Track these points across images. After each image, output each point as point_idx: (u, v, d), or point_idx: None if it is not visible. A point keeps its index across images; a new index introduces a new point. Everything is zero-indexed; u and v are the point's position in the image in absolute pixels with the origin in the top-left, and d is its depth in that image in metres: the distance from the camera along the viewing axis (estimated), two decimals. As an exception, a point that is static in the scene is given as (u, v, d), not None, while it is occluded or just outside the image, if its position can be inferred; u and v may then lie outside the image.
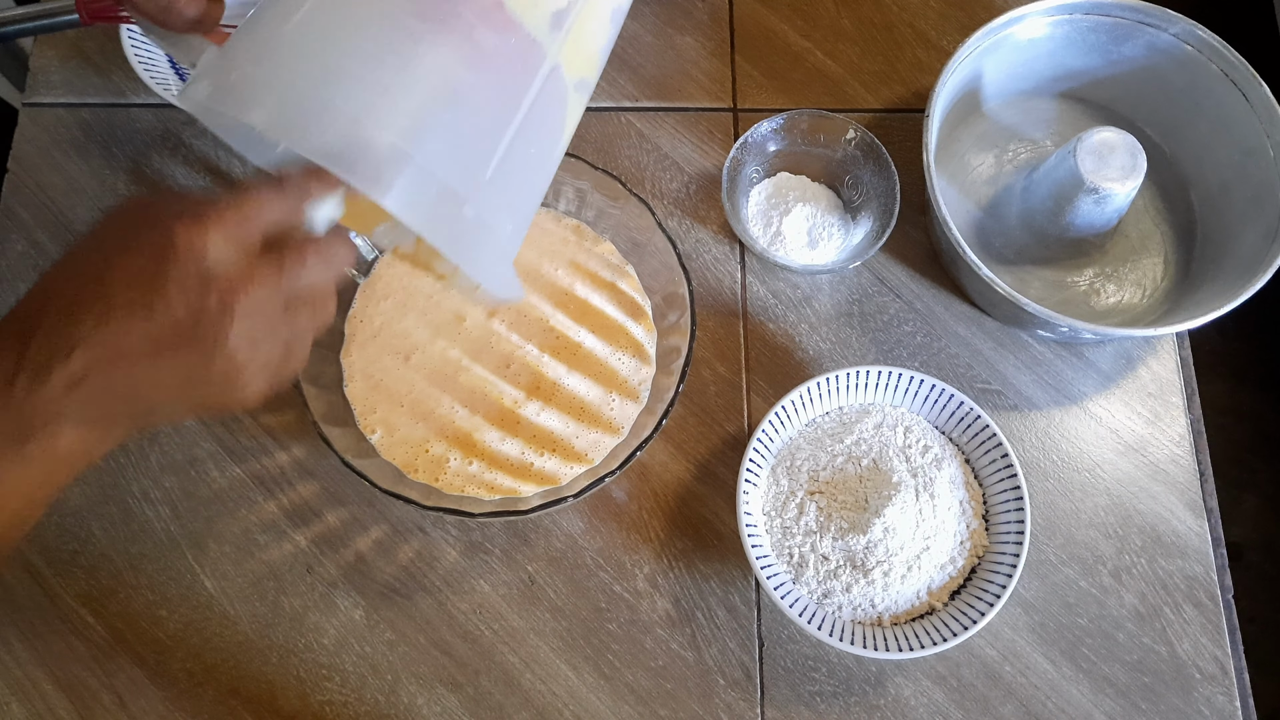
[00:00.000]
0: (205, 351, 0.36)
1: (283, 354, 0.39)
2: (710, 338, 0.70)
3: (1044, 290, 0.70)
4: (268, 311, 0.37)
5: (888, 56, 0.78)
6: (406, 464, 0.62)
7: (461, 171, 0.42)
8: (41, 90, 0.75)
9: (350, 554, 0.64)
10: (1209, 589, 0.65)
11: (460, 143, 0.42)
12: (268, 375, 0.39)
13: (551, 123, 0.47)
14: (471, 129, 0.42)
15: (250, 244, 0.37)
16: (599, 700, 0.61)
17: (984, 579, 0.60)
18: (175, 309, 0.35)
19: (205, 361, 0.36)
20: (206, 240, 0.35)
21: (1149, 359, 0.70)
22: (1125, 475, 0.67)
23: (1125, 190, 0.65)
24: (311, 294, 0.40)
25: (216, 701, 0.61)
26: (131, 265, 0.35)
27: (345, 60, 0.40)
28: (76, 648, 0.62)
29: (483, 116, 0.43)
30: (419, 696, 0.61)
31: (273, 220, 0.39)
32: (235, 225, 0.37)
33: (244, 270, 0.37)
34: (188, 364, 0.36)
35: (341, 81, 0.40)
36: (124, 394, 0.36)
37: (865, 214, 0.71)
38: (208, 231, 0.36)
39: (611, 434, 0.64)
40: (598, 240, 0.68)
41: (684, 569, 0.64)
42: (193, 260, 0.35)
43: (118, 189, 0.72)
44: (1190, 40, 0.68)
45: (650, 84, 0.76)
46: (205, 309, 0.35)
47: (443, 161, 0.41)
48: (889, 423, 0.63)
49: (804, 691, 0.62)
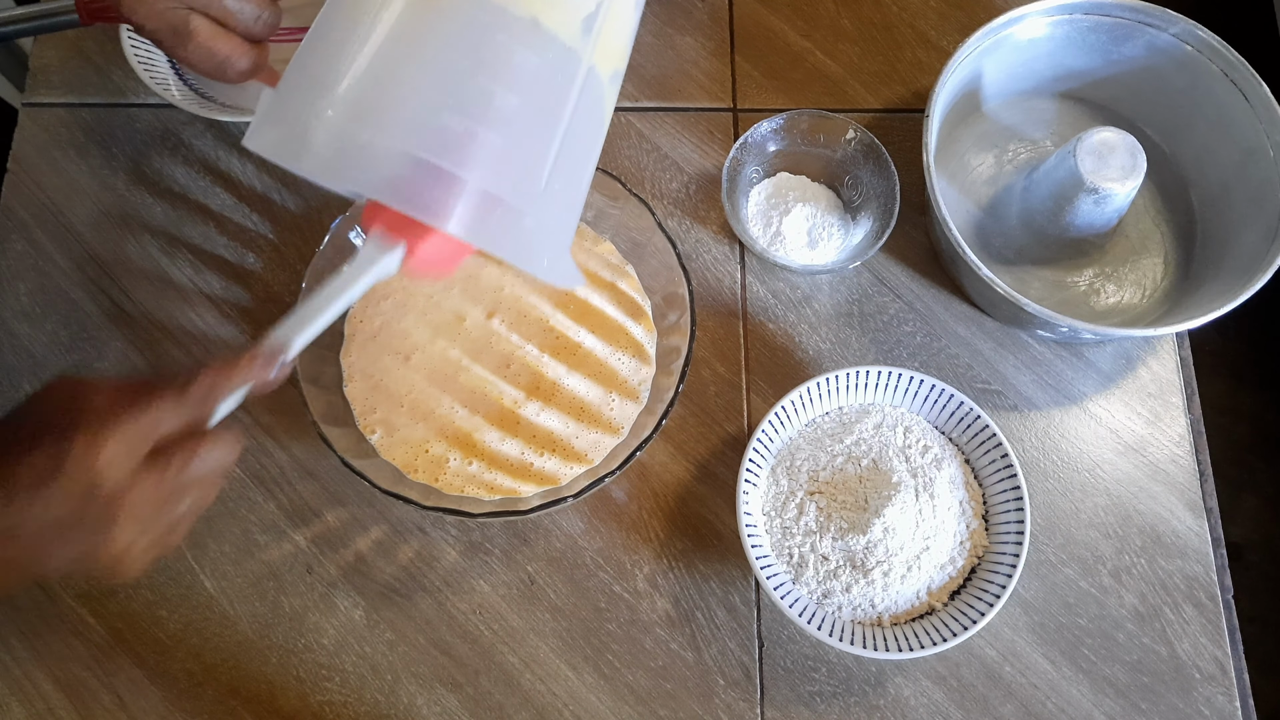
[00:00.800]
0: (91, 543, 0.40)
1: (165, 534, 0.43)
2: (710, 338, 0.70)
3: (1044, 290, 0.70)
4: (151, 506, 0.41)
5: (888, 56, 0.78)
6: (406, 464, 0.62)
7: (517, 188, 0.45)
8: (41, 90, 0.75)
9: (350, 554, 0.64)
10: (1209, 589, 0.65)
11: (514, 162, 0.45)
12: (149, 554, 0.42)
13: (593, 119, 0.49)
14: (523, 147, 0.45)
15: (141, 452, 0.41)
16: (599, 700, 0.61)
17: (984, 579, 0.60)
18: (63, 510, 0.39)
19: (91, 550, 0.40)
20: (99, 454, 0.39)
21: (1149, 359, 0.70)
22: (1125, 475, 0.67)
23: (1125, 190, 0.65)
24: (198, 483, 0.43)
25: (216, 701, 0.61)
26: (35, 462, 0.39)
27: (398, 102, 0.43)
28: (76, 648, 0.62)
29: (532, 133, 0.45)
30: (419, 696, 0.61)
31: (170, 427, 0.42)
32: (130, 437, 0.40)
33: (131, 478, 0.40)
34: (75, 550, 0.40)
35: (392, 124, 0.43)
36: (16, 559, 0.40)
37: (865, 214, 0.71)
38: (102, 446, 0.39)
39: (611, 434, 0.64)
40: (598, 240, 0.68)
41: (684, 569, 0.64)
42: (83, 471, 0.39)
43: (117, 189, 0.72)
44: (1190, 40, 0.68)
45: (650, 84, 0.76)
46: (90, 513, 0.40)
47: (500, 183, 0.44)
48: (889, 423, 0.63)
49: (804, 691, 0.62)
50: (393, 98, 0.43)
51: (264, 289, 0.70)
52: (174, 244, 0.71)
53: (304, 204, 0.72)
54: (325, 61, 0.44)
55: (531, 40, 0.45)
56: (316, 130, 0.43)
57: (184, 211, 0.72)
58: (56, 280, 0.70)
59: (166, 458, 0.41)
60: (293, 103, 0.44)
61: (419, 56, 0.44)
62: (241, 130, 0.73)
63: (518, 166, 0.45)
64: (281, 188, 0.73)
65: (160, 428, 0.41)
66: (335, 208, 0.72)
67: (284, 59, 0.55)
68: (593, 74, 0.47)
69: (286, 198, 0.72)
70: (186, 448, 0.42)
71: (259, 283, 0.70)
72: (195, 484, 0.43)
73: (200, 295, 0.70)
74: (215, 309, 0.69)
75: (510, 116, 0.44)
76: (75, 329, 0.69)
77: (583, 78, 0.46)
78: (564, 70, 0.46)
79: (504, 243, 0.45)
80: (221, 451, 0.43)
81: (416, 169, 0.42)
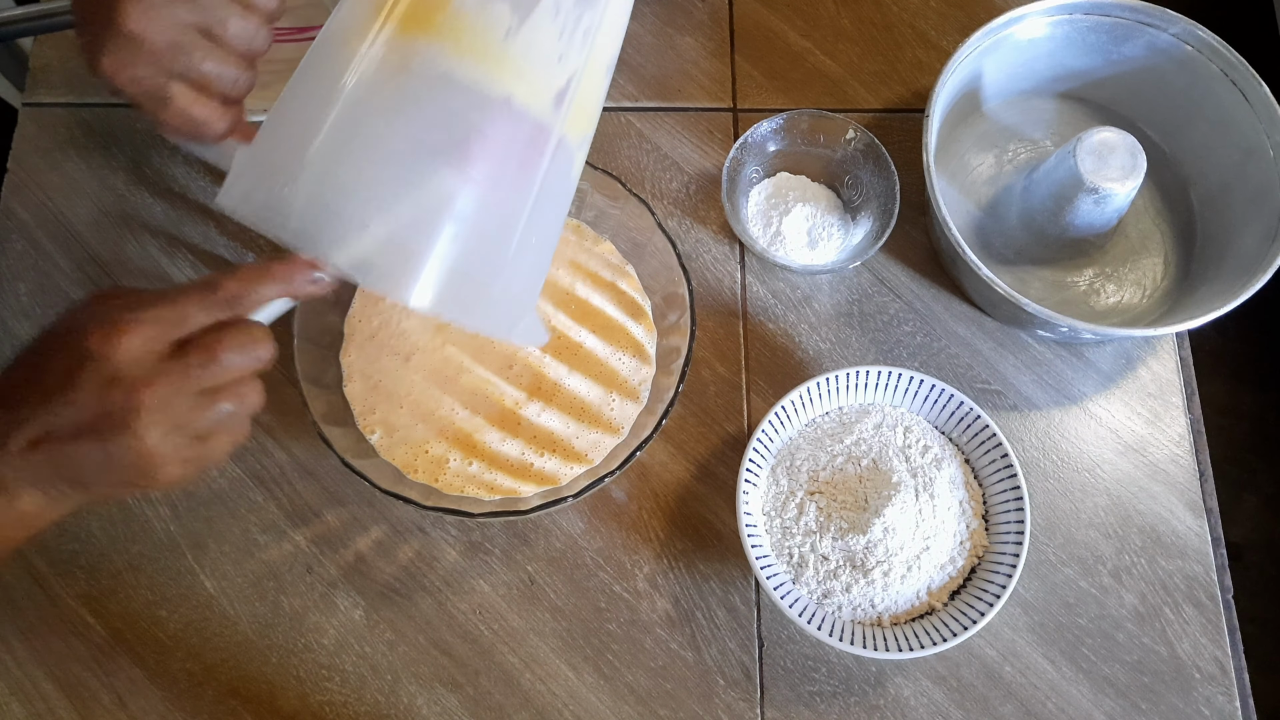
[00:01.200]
0: (115, 442, 0.40)
1: (202, 442, 0.43)
2: (710, 338, 0.70)
3: (1044, 290, 0.70)
4: (177, 406, 0.41)
5: (888, 56, 0.78)
6: (406, 464, 0.62)
7: (485, 261, 0.45)
8: (41, 90, 0.75)
9: (350, 554, 0.64)
10: (1209, 589, 0.65)
11: (482, 237, 0.45)
12: (184, 462, 0.42)
13: (562, 185, 0.50)
14: (492, 222, 0.45)
15: (162, 344, 0.41)
16: (599, 700, 0.61)
17: (984, 579, 0.60)
18: (86, 406, 0.40)
19: (118, 450, 0.40)
20: (117, 344, 0.40)
21: (1149, 359, 0.70)
22: (1125, 475, 0.67)
23: (1125, 190, 0.65)
24: (231, 385, 0.43)
25: (216, 701, 0.61)
26: (58, 366, 0.41)
27: (365, 180, 0.43)
28: (76, 648, 0.62)
29: (501, 208, 0.46)
30: (419, 696, 0.61)
31: (197, 325, 0.42)
32: (149, 329, 0.41)
33: (153, 370, 0.41)
34: (103, 450, 0.41)
35: (363, 201, 0.43)
36: (62, 467, 0.41)
37: (865, 214, 0.71)
38: (120, 339, 0.40)
39: (612, 434, 0.64)
40: (598, 240, 0.68)
41: (684, 569, 0.64)
42: (102, 362, 0.40)
43: (117, 189, 0.72)
44: (1190, 40, 0.68)
45: (650, 84, 0.76)
46: (111, 407, 0.40)
47: (468, 258, 0.44)
48: (889, 423, 0.63)
49: (804, 691, 0.62)
50: (360, 174, 0.43)
51: (264, 289, 0.70)
52: (174, 244, 0.71)
53: (304, 204, 0.72)
54: (298, 137, 0.44)
55: (503, 118, 0.45)
56: (287, 208, 0.43)
57: (184, 211, 0.72)
58: (56, 280, 0.70)
59: (189, 347, 0.41)
60: (266, 174, 0.45)
61: (386, 133, 0.44)
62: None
63: (486, 241, 0.45)
64: (281, 188, 0.73)
65: (185, 324, 0.42)
66: (335, 208, 0.72)
67: (285, 58, 0.55)
68: (563, 143, 0.47)
69: (286, 198, 0.72)
70: (210, 336, 0.42)
71: (259, 283, 0.70)
72: (226, 386, 0.42)
73: (200, 295, 0.70)
74: (215, 309, 0.69)
75: (480, 195, 0.44)
76: (75, 329, 0.69)
77: (553, 148, 0.47)
78: (535, 144, 0.46)
79: (471, 314, 0.46)
80: (248, 342, 0.42)
81: (385, 244, 0.43)
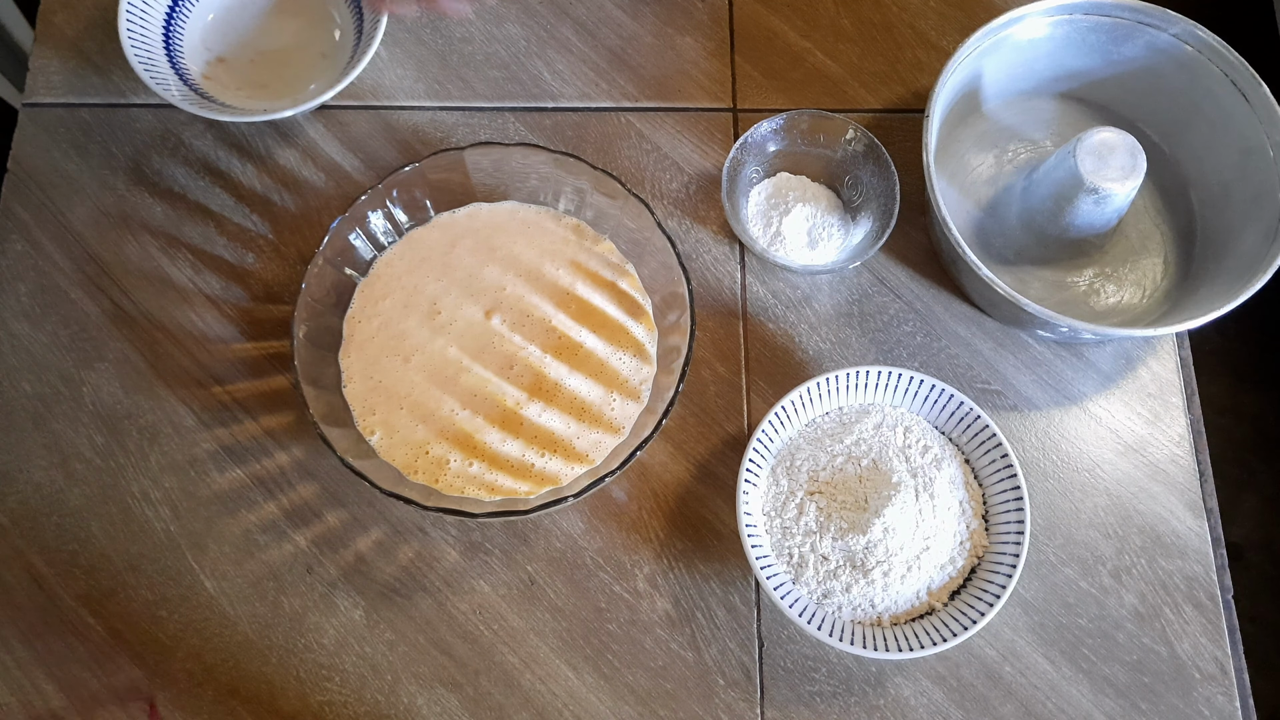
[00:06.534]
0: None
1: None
2: (710, 338, 0.70)
3: (1044, 290, 0.70)
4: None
5: (888, 56, 0.78)
6: (406, 465, 0.62)
7: None
8: (41, 90, 0.75)
9: (350, 554, 0.64)
10: (1209, 589, 0.65)
11: None
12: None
13: None
14: None
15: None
16: (599, 700, 0.61)
17: (984, 579, 0.60)
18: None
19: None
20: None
21: (1149, 359, 0.70)
22: (1125, 475, 0.67)
23: (1125, 190, 0.65)
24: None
25: (216, 701, 0.61)
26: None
27: None
28: (76, 648, 0.62)
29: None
30: (419, 697, 0.61)
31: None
32: None
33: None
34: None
35: None
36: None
37: (865, 214, 0.71)
38: None
39: (612, 434, 0.64)
40: (598, 239, 0.68)
41: (684, 569, 0.64)
42: None
43: (117, 189, 0.72)
44: (1190, 40, 0.68)
45: (650, 84, 0.76)
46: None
47: None
48: (889, 423, 0.63)
49: (804, 691, 0.62)
50: None
51: (263, 289, 0.70)
52: (174, 244, 0.71)
53: (304, 204, 0.72)
54: None
55: None
56: None
57: (184, 211, 0.72)
58: (56, 280, 0.70)
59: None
60: None
61: None
62: (241, 130, 0.74)
63: None
64: (281, 188, 0.73)
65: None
66: (335, 208, 0.72)
67: (285, 58, 0.55)
68: None
69: (286, 198, 0.72)
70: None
71: (258, 283, 0.70)
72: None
73: (200, 295, 0.70)
74: (215, 309, 0.69)
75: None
76: (75, 329, 0.69)
77: None
78: None
79: None
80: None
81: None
